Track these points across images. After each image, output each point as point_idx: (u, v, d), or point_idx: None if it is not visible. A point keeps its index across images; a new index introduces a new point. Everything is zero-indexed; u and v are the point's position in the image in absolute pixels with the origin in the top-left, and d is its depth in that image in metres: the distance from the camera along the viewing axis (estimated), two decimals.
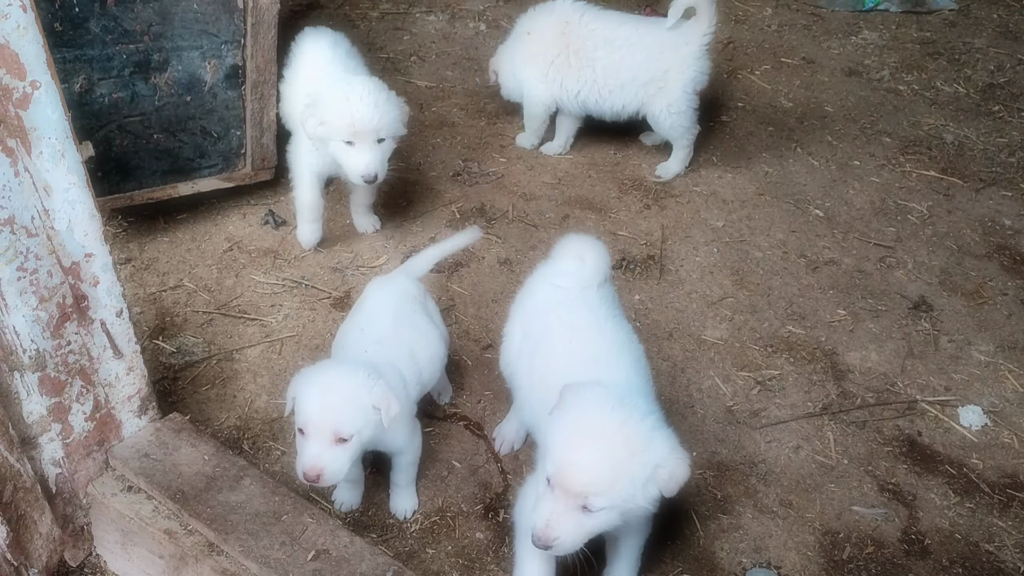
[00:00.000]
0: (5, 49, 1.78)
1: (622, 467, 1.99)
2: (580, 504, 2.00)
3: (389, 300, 2.74)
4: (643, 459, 2.01)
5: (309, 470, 2.21)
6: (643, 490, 2.02)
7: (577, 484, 1.99)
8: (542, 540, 2.01)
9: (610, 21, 4.11)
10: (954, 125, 4.72)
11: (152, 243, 3.66)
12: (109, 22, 3.13)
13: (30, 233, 1.95)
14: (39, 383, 2.12)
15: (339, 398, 2.24)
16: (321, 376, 2.30)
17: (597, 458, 2.00)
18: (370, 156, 3.24)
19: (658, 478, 2.03)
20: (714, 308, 3.51)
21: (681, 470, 2.06)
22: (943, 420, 3.09)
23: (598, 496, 1.99)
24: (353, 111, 3.18)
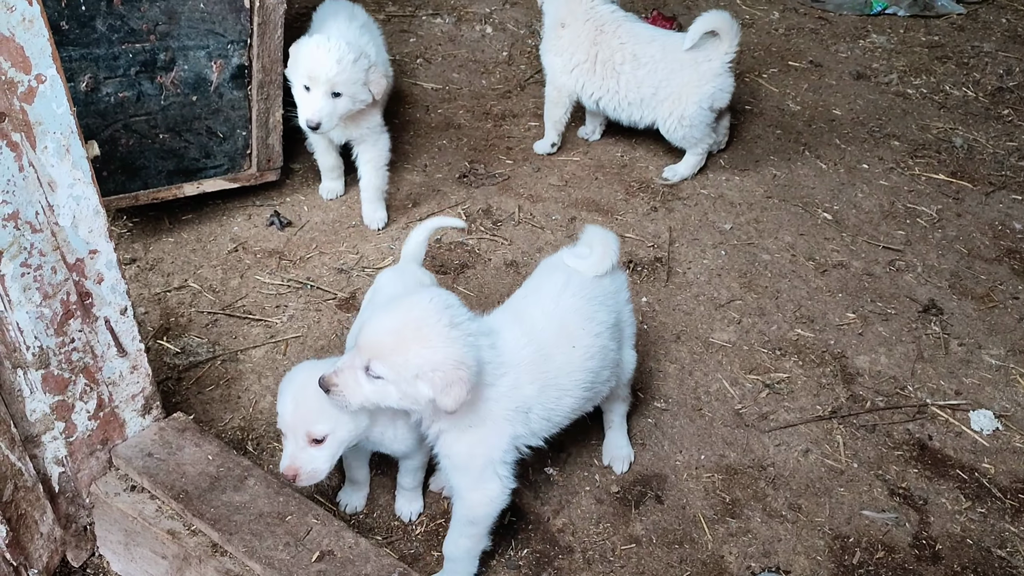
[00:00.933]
0: (10, 42, 1.76)
1: (402, 346, 2.09)
2: (364, 364, 2.12)
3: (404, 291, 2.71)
4: (423, 352, 2.08)
5: (285, 470, 2.22)
6: (415, 383, 2.10)
7: (365, 341, 2.13)
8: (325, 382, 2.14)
9: (641, 36, 4.10)
10: (963, 129, 4.69)
11: (157, 243, 3.64)
12: (115, 21, 3.12)
13: (34, 229, 1.93)
14: (42, 381, 2.10)
15: (311, 396, 2.19)
16: (296, 376, 2.27)
17: (388, 327, 2.12)
18: (319, 104, 3.37)
19: (432, 380, 2.08)
20: (722, 311, 3.48)
21: (458, 387, 2.09)
22: (954, 424, 3.06)
23: (377, 361, 2.10)
24: (314, 57, 3.33)
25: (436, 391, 2.09)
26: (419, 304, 2.15)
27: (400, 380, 2.10)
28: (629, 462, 2.87)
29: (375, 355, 2.11)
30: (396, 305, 2.17)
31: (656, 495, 2.78)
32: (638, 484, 2.81)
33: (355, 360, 2.14)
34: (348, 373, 2.14)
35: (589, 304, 2.46)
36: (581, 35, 4.10)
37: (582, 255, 2.56)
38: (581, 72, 4.14)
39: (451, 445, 2.28)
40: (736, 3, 5.96)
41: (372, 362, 2.11)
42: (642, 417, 3.02)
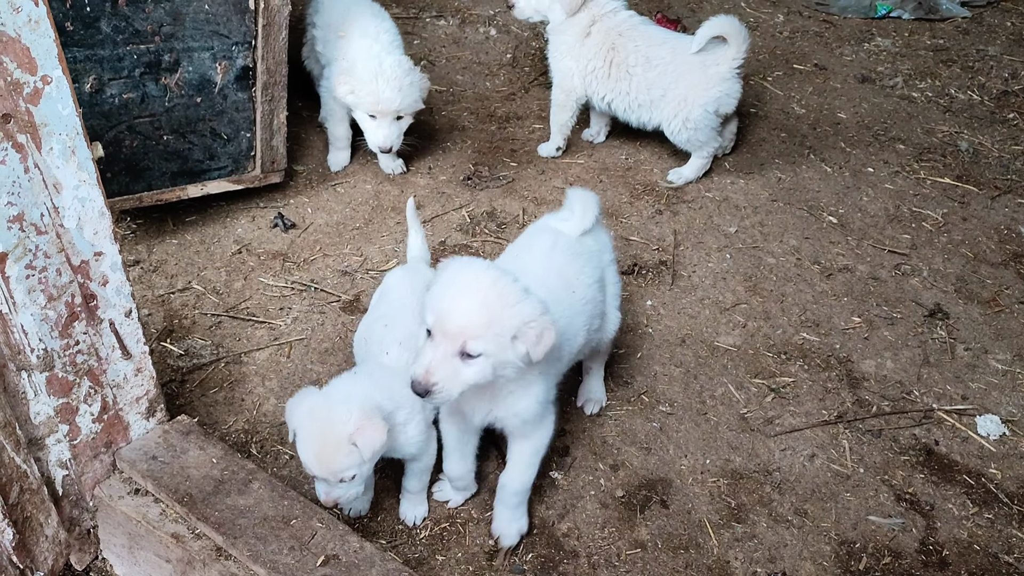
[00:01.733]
0: (16, 43, 1.75)
1: (495, 315, 2.12)
2: (458, 350, 2.13)
3: (413, 293, 2.71)
4: (514, 312, 2.14)
5: (326, 502, 2.32)
6: (513, 345, 2.15)
7: (455, 327, 2.12)
8: (422, 385, 2.14)
9: (653, 38, 4.11)
10: (968, 132, 4.68)
11: (160, 245, 3.63)
12: (120, 22, 3.11)
13: (39, 231, 1.93)
14: (47, 383, 2.09)
15: (330, 450, 2.25)
16: (312, 427, 2.28)
17: (473, 305, 2.13)
18: (388, 131, 3.82)
19: (526, 335, 2.14)
20: (727, 314, 3.47)
21: (549, 333, 2.17)
22: (960, 429, 3.05)
23: (475, 340, 2.12)
24: (380, 92, 3.70)
25: (531, 345, 2.16)
26: (482, 274, 2.20)
27: (499, 350, 2.14)
28: (600, 405, 3.05)
29: (471, 336, 2.12)
30: (460, 285, 2.18)
31: (661, 500, 2.77)
32: (643, 488, 2.80)
33: (445, 350, 2.14)
34: (444, 366, 2.14)
35: (577, 260, 2.60)
36: (602, 41, 4.10)
37: (565, 218, 2.69)
38: (596, 77, 4.14)
39: (518, 404, 2.37)
40: (741, 6, 5.95)
41: (468, 343, 2.13)
42: (647, 421, 3.01)
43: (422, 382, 2.14)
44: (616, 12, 4.16)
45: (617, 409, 3.05)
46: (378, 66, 3.72)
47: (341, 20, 3.98)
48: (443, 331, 2.14)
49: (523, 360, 2.19)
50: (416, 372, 2.16)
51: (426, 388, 2.14)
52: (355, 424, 2.24)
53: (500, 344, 2.14)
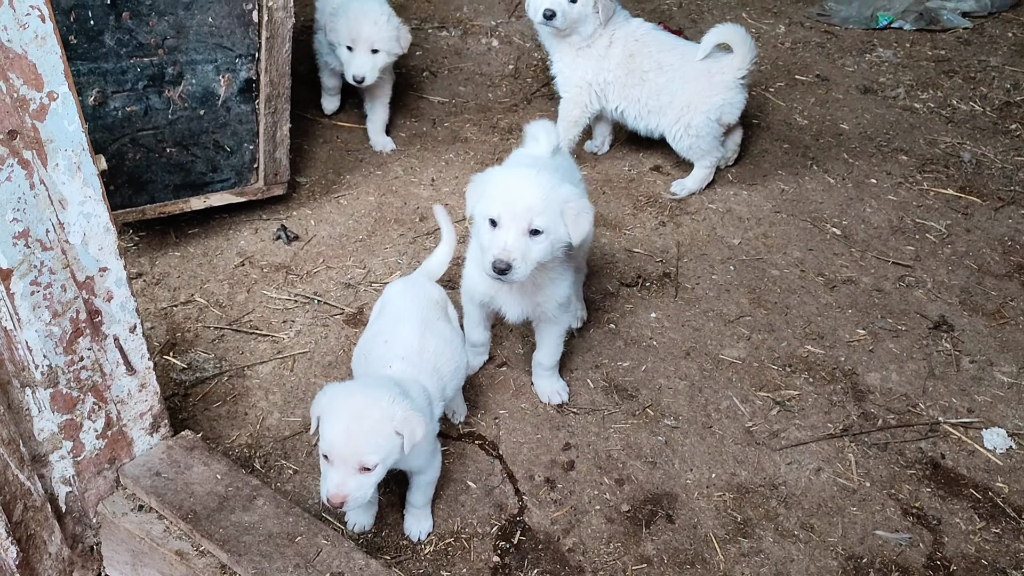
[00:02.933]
0: (23, 60, 1.75)
1: (549, 194, 2.55)
2: (527, 228, 2.53)
3: (414, 307, 2.70)
4: (559, 191, 2.58)
5: (334, 497, 2.18)
6: (563, 224, 2.58)
7: (523, 207, 2.52)
8: (504, 261, 2.50)
9: (664, 44, 4.13)
10: (971, 143, 4.67)
11: (163, 258, 3.62)
12: (124, 35, 3.11)
13: (44, 247, 1.92)
14: (51, 400, 2.08)
15: (365, 427, 2.18)
16: (347, 403, 2.23)
17: (532, 187, 2.56)
18: (361, 59, 4.08)
19: (567, 213, 2.58)
20: (731, 327, 3.46)
21: (585, 215, 2.61)
22: (967, 442, 3.03)
23: (539, 216, 2.53)
24: (354, 24, 4.04)
25: (571, 223, 2.59)
26: (529, 169, 2.62)
27: (555, 226, 2.57)
28: (582, 320, 3.39)
29: (536, 212, 2.52)
30: (519, 178, 2.59)
31: (667, 514, 2.76)
32: (649, 503, 2.79)
33: (517, 229, 2.52)
34: (518, 244, 2.51)
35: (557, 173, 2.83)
36: (622, 49, 4.09)
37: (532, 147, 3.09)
38: (614, 87, 4.14)
39: (557, 291, 2.83)
40: (743, 17, 5.95)
41: (535, 220, 2.52)
42: (652, 435, 3.00)
43: (504, 259, 2.49)
44: (628, 20, 4.17)
45: (622, 422, 3.04)
46: (357, 4, 4.10)
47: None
48: (512, 213, 2.52)
49: (566, 240, 2.62)
50: (495, 251, 2.51)
51: (508, 263, 2.49)
52: (403, 411, 2.22)
53: (555, 220, 2.55)
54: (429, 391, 2.50)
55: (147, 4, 3.10)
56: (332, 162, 4.33)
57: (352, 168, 4.29)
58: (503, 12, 5.85)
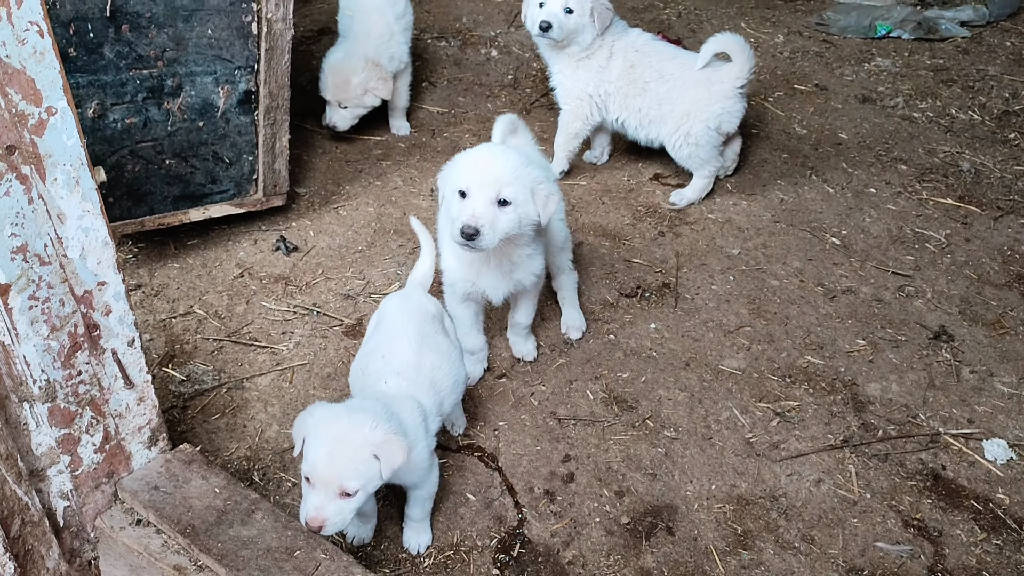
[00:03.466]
0: (21, 75, 1.75)
1: (519, 169, 2.66)
2: (495, 197, 2.63)
3: (410, 321, 2.69)
4: (529, 171, 2.69)
5: (312, 520, 2.17)
6: (532, 199, 2.70)
7: (491, 177, 2.63)
8: (472, 227, 2.58)
9: (664, 54, 4.14)
10: (970, 153, 4.68)
11: (162, 269, 3.62)
12: (123, 48, 3.11)
13: (43, 261, 1.92)
14: (49, 414, 2.07)
15: (347, 453, 2.16)
16: (331, 427, 2.21)
17: (501, 161, 2.67)
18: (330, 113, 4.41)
19: (538, 194, 2.70)
20: (731, 337, 3.46)
21: (554, 198, 2.75)
22: (967, 453, 3.03)
23: (507, 186, 2.63)
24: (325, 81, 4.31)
25: (540, 205, 2.71)
26: (499, 146, 2.82)
27: (524, 200, 2.67)
28: (582, 331, 3.44)
29: (504, 183, 2.62)
30: (486, 153, 2.73)
31: (667, 526, 2.75)
32: (649, 515, 2.78)
33: (485, 197, 2.61)
34: (486, 211, 2.60)
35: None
36: (623, 60, 4.10)
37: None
38: (615, 98, 4.15)
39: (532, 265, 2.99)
40: (741, 26, 5.97)
41: (503, 190, 2.62)
42: (652, 446, 2.99)
43: (472, 224, 2.57)
44: (627, 30, 4.18)
45: (622, 434, 3.03)
46: (333, 62, 4.32)
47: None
48: (480, 183, 2.62)
49: (535, 219, 2.72)
50: (464, 218, 2.59)
51: (475, 228, 2.57)
52: (382, 435, 2.20)
53: (524, 195, 2.66)
54: (424, 407, 2.50)
55: (147, 17, 3.10)
56: (331, 173, 4.33)
57: (351, 179, 4.29)
58: (502, 22, 5.87)
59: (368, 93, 4.34)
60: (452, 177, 2.73)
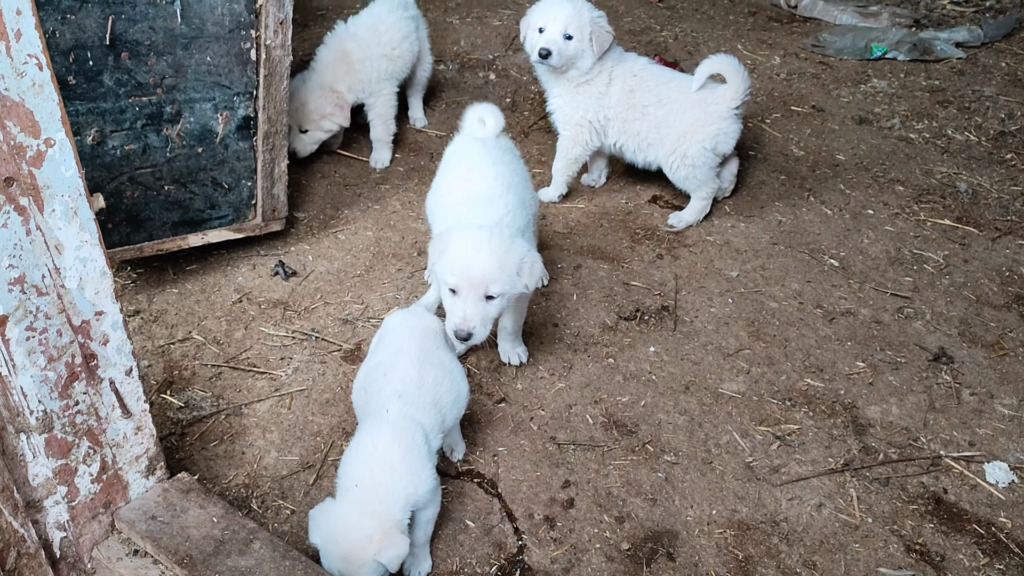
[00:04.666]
0: (20, 107, 1.75)
1: (503, 259, 2.76)
2: (482, 295, 2.77)
3: (412, 338, 2.70)
4: (513, 253, 2.79)
5: (463, 322, 2.77)
6: (518, 278, 2.81)
7: (478, 278, 2.74)
8: (464, 331, 2.76)
9: (661, 77, 4.17)
10: (967, 173, 4.69)
11: (161, 295, 3.62)
12: (123, 75, 3.13)
13: (40, 292, 1.91)
14: (46, 445, 2.06)
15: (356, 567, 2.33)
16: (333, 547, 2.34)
17: (485, 257, 2.75)
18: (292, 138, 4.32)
19: (523, 270, 2.81)
20: (730, 360, 3.45)
21: (538, 264, 2.85)
22: (969, 477, 3.01)
23: (494, 283, 2.75)
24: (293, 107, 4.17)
25: (526, 277, 2.83)
26: (482, 233, 2.79)
27: (511, 286, 2.80)
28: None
29: (490, 280, 2.75)
30: (471, 247, 2.76)
31: (668, 552, 2.73)
32: (649, 541, 2.76)
33: (474, 295, 2.76)
34: (475, 311, 2.76)
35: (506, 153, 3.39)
36: (622, 85, 4.11)
37: (478, 130, 3.44)
38: (613, 123, 4.16)
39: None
40: (738, 48, 6.01)
41: (490, 287, 2.75)
42: (652, 471, 2.98)
43: (464, 328, 2.76)
44: (623, 55, 4.19)
45: (622, 459, 3.02)
46: (300, 86, 4.33)
47: None
48: (469, 284, 2.75)
49: (522, 290, 2.86)
50: (456, 323, 2.76)
51: (468, 332, 2.76)
52: (377, 544, 2.28)
53: (511, 281, 2.79)
54: (426, 429, 2.49)
55: (146, 44, 3.12)
56: (330, 197, 4.34)
57: (350, 203, 4.30)
58: (500, 46, 5.90)
59: (325, 119, 4.37)
60: (440, 264, 2.83)
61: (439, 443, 2.62)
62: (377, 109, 4.54)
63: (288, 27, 3.38)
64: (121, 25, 3.03)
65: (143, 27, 3.08)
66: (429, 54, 4.89)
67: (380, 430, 2.45)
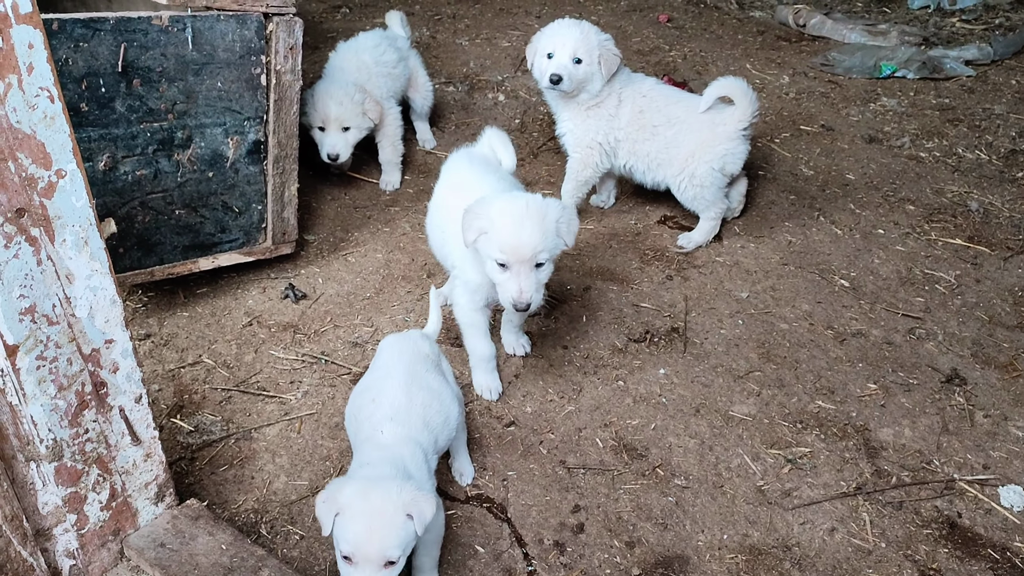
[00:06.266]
0: (31, 140, 1.77)
1: (545, 227, 2.81)
2: (533, 265, 2.82)
3: (401, 361, 2.69)
4: (550, 216, 2.83)
5: None
6: (560, 239, 2.87)
7: (529, 250, 2.79)
8: (523, 303, 2.83)
9: (670, 97, 4.18)
10: (978, 192, 4.67)
11: (171, 318, 3.64)
12: (134, 101, 3.16)
13: (51, 321, 1.93)
14: (55, 473, 2.07)
15: (385, 523, 2.16)
16: (365, 503, 2.19)
17: (531, 228, 2.79)
18: (333, 139, 4.33)
19: (560, 229, 2.87)
20: (740, 382, 3.43)
21: (574, 220, 2.92)
22: (983, 500, 2.98)
23: (542, 252, 2.81)
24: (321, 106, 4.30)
25: (565, 235, 2.88)
26: (521, 201, 2.84)
27: (554, 248, 2.86)
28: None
29: (539, 250, 2.80)
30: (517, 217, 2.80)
31: None
32: (660, 566, 2.74)
33: (526, 268, 2.81)
34: (529, 281, 2.82)
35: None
36: (632, 106, 4.13)
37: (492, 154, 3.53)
38: (623, 145, 4.17)
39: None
40: (747, 68, 6.01)
41: (539, 255, 2.81)
42: (663, 495, 2.96)
43: (523, 300, 2.83)
44: (631, 76, 4.21)
45: (632, 483, 3.00)
46: (325, 88, 4.33)
47: None
48: (519, 258, 2.80)
49: (564, 247, 2.92)
50: (514, 297, 2.83)
51: (527, 303, 2.83)
52: (409, 495, 2.20)
53: (555, 243, 2.86)
54: (424, 448, 2.49)
55: (157, 71, 3.15)
56: (340, 219, 4.36)
57: (360, 225, 4.32)
58: (509, 67, 5.93)
59: (366, 114, 4.38)
60: (485, 243, 2.86)
61: (434, 464, 2.60)
62: (384, 130, 4.57)
63: (298, 52, 3.42)
64: (133, 52, 3.07)
65: (155, 54, 3.11)
66: (428, 80, 5.03)
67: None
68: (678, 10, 7.26)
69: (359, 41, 4.70)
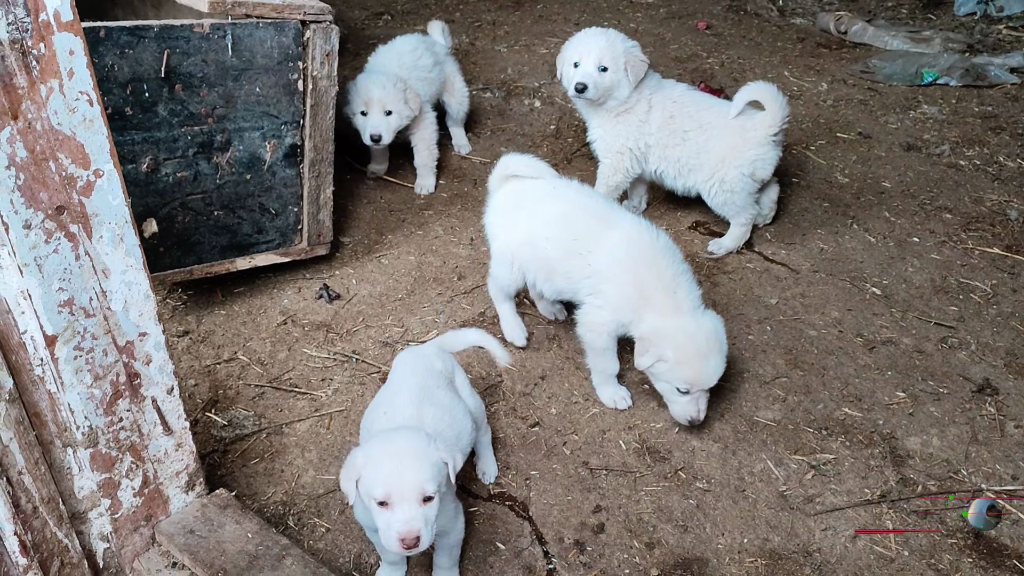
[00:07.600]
0: (71, 141, 1.87)
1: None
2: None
3: (413, 377, 2.72)
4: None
5: (407, 536, 2.12)
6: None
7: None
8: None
9: (702, 103, 4.20)
10: (1018, 201, 4.60)
11: (209, 316, 3.75)
12: (176, 106, 3.27)
13: (87, 314, 2.02)
14: (91, 459, 2.16)
15: (417, 458, 2.16)
16: (390, 446, 2.22)
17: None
18: (376, 120, 4.41)
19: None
20: (767, 388, 3.44)
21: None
22: (1011, 511, 2.95)
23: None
24: (363, 90, 4.41)
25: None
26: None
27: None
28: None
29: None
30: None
31: None
32: (679, 568, 2.76)
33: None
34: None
35: None
36: (662, 112, 4.15)
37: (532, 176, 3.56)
38: (654, 150, 4.20)
39: None
40: (784, 75, 5.99)
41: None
42: (684, 498, 2.98)
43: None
44: (661, 82, 4.23)
45: (653, 485, 3.03)
46: (367, 76, 4.49)
47: None
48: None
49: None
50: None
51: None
52: (440, 447, 2.25)
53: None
54: None
55: (199, 77, 3.26)
56: (375, 222, 4.45)
57: (394, 228, 4.40)
58: (546, 73, 5.98)
59: (408, 103, 4.47)
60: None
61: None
62: (420, 134, 4.65)
63: (334, 58, 3.51)
64: (176, 59, 3.18)
65: (196, 60, 3.23)
66: (464, 86, 5.12)
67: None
68: (717, 17, 7.25)
69: (396, 45, 4.80)
